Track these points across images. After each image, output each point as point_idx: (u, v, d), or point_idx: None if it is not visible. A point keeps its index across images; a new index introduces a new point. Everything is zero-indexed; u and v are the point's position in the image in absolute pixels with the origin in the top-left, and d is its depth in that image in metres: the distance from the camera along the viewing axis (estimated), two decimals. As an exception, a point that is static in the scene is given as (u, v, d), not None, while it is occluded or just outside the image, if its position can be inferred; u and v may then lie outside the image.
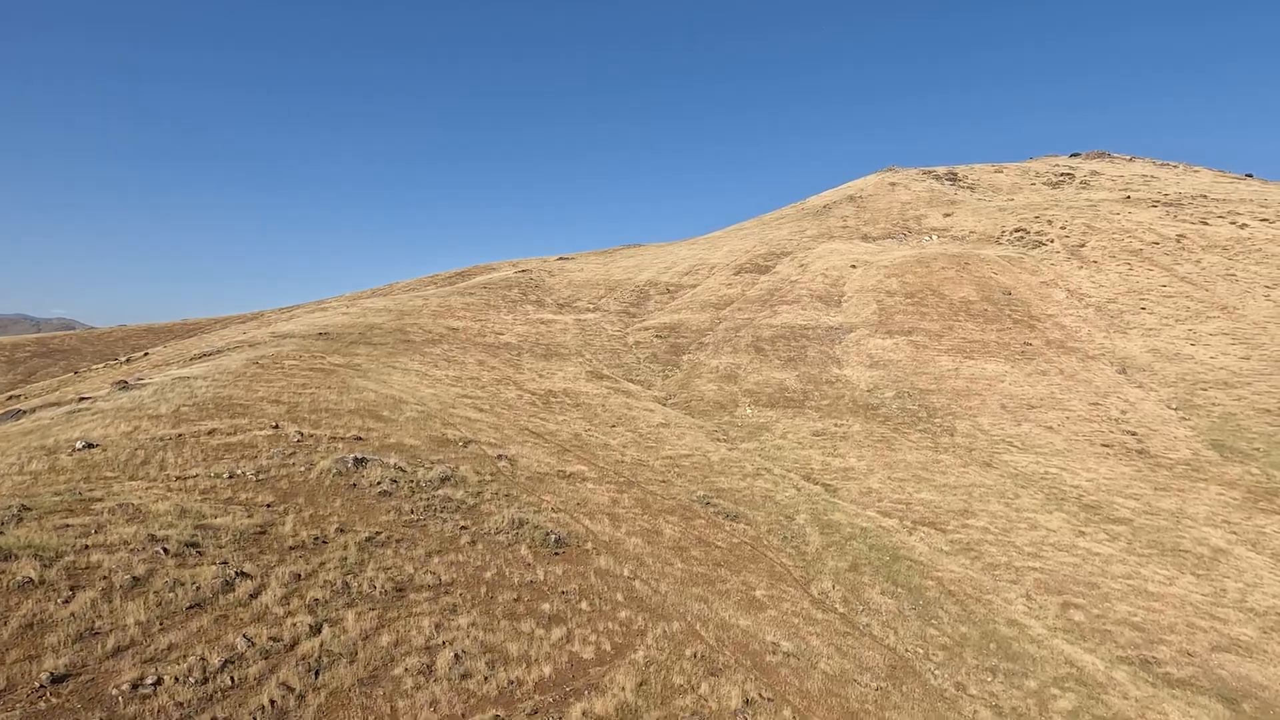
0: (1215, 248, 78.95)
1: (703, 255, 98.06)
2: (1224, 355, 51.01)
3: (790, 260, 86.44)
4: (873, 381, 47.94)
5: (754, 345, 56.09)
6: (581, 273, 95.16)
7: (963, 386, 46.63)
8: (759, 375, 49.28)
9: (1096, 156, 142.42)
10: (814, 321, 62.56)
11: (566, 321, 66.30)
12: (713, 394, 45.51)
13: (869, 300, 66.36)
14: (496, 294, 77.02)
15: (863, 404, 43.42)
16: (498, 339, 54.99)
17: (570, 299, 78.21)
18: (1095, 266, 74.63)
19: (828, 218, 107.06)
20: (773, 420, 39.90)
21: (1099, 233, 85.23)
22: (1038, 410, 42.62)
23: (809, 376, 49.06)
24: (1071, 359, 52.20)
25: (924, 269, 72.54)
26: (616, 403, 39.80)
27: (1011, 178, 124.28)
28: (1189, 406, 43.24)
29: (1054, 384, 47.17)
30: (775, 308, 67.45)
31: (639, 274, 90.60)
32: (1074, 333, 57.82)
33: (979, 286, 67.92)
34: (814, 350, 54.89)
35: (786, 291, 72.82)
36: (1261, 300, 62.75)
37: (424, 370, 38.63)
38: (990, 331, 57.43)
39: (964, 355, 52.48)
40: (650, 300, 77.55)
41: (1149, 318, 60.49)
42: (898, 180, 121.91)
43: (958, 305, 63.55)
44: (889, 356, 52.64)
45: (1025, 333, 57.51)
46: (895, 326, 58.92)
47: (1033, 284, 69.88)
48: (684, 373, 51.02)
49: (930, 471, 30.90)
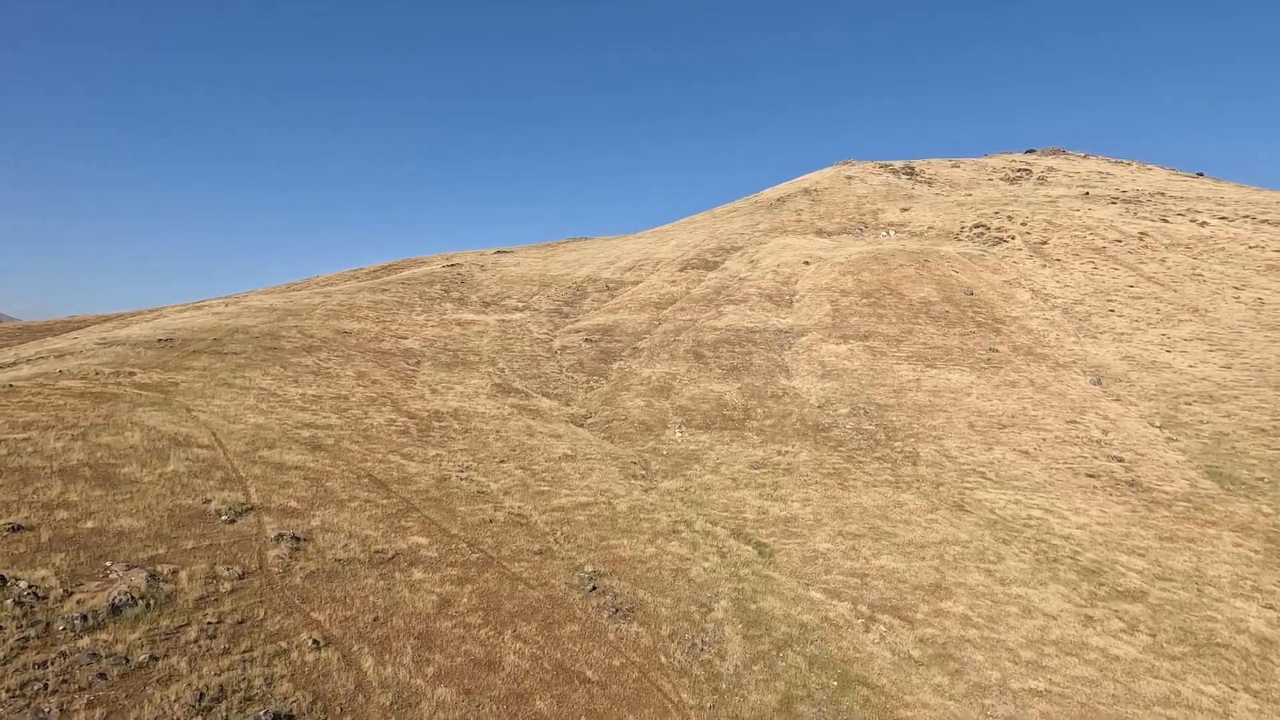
0: (1178, 246, 75.64)
1: (649, 250, 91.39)
2: (1204, 364, 46.50)
3: (740, 256, 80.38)
4: (825, 395, 41.89)
5: (694, 351, 49.63)
6: (517, 267, 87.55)
7: (925, 401, 40.92)
8: (696, 388, 42.78)
9: (1052, 153, 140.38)
10: (762, 324, 56.44)
11: (487, 322, 58.88)
12: (639, 412, 38.82)
13: (822, 300, 60.59)
14: (415, 290, 69.03)
15: (812, 424, 37.26)
16: (398, 344, 47.33)
17: (498, 296, 70.71)
18: (1059, 265, 70.39)
19: (781, 211, 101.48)
20: (705, 447, 33.36)
21: (1061, 229, 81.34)
22: (1010, 430, 37.08)
23: (753, 389, 42.76)
24: (1041, 367, 47.10)
25: (881, 266, 67.19)
26: (517, 427, 32.75)
27: (969, 173, 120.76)
28: (1175, 424, 38.26)
29: (1025, 397, 41.83)
30: (721, 308, 61.19)
31: (578, 269, 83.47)
32: (1042, 337, 52.93)
33: (939, 286, 62.80)
34: (760, 357, 48.69)
35: (734, 290, 66.64)
36: (1232, 302, 58.98)
37: (273, 389, 30.96)
38: (953, 336, 52.11)
39: (925, 363, 46.90)
40: (587, 298, 70.58)
41: (1119, 320, 56.04)
42: (854, 174, 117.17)
43: (917, 306, 58.21)
44: (843, 365, 46.75)
45: (990, 337, 52.37)
46: (850, 330, 53.16)
47: (995, 283, 65.13)
48: (611, 385, 44.21)
49: (891, 521, 24.76)
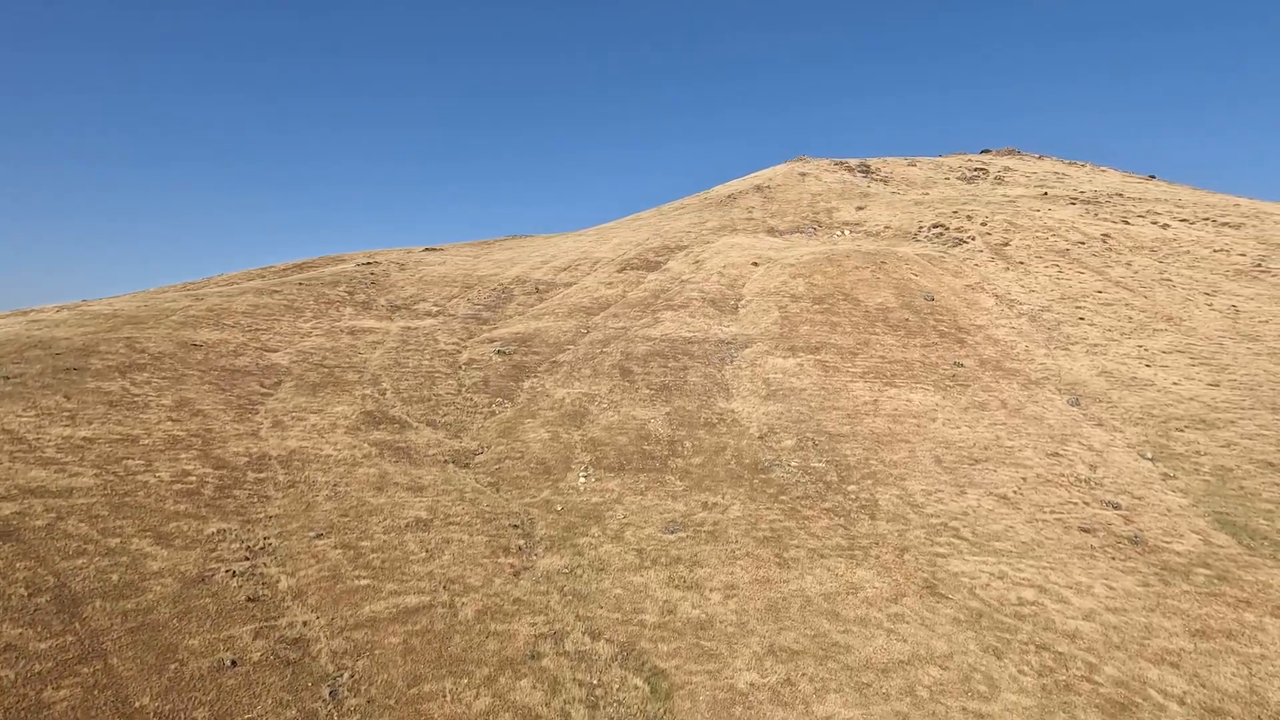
0: (1142, 249, 71.88)
1: (588, 248, 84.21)
2: (1189, 381, 41.52)
3: (685, 255, 73.82)
4: (768, 421, 35.37)
5: (621, 366, 42.69)
6: (443, 266, 79.39)
7: (884, 429, 34.71)
8: (616, 413, 35.81)
9: (1007, 153, 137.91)
10: (702, 333, 49.80)
11: (388, 331, 50.91)
12: (541, 447, 31.65)
13: (770, 306, 54.31)
14: (313, 292, 60.52)
15: (750, 462, 30.61)
16: (260, 359, 39.17)
17: (411, 300, 62.64)
18: (1022, 268, 65.67)
19: (732, 208, 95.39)
20: (613, 498, 26.38)
21: (1022, 230, 77.00)
22: (984, 466, 31.06)
23: (684, 415, 36.00)
24: (1012, 385, 41.52)
25: (835, 269, 61.34)
26: (366, 476, 25.24)
27: (925, 171, 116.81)
28: (1169, 456, 32.81)
29: (998, 423, 36.01)
30: (658, 314, 54.42)
31: (508, 269, 75.80)
32: (1010, 349, 47.54)
33: (898, 290, 57.19)
34: (697, 374, 41.99)
35: (675, 293, 59.96)
36: (1206, 310, 54.74)
37: (21, 431, 22.81)
38: (914, 348, 46.30)
39: (884, 380, 40.85)
40: (513, 301, 63.06)
41: (1091, 330, 51.09)
42: (808, 171, 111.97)
43: (874, 313, 52.38)
44: (791, 383, 40.36)
45: (954, 349, 46.74)
46: (800, 341, 46.90)
47: (957, 288, 59.89)
48: (516, 409, 36.93)
49: (843, 622, 18.18)
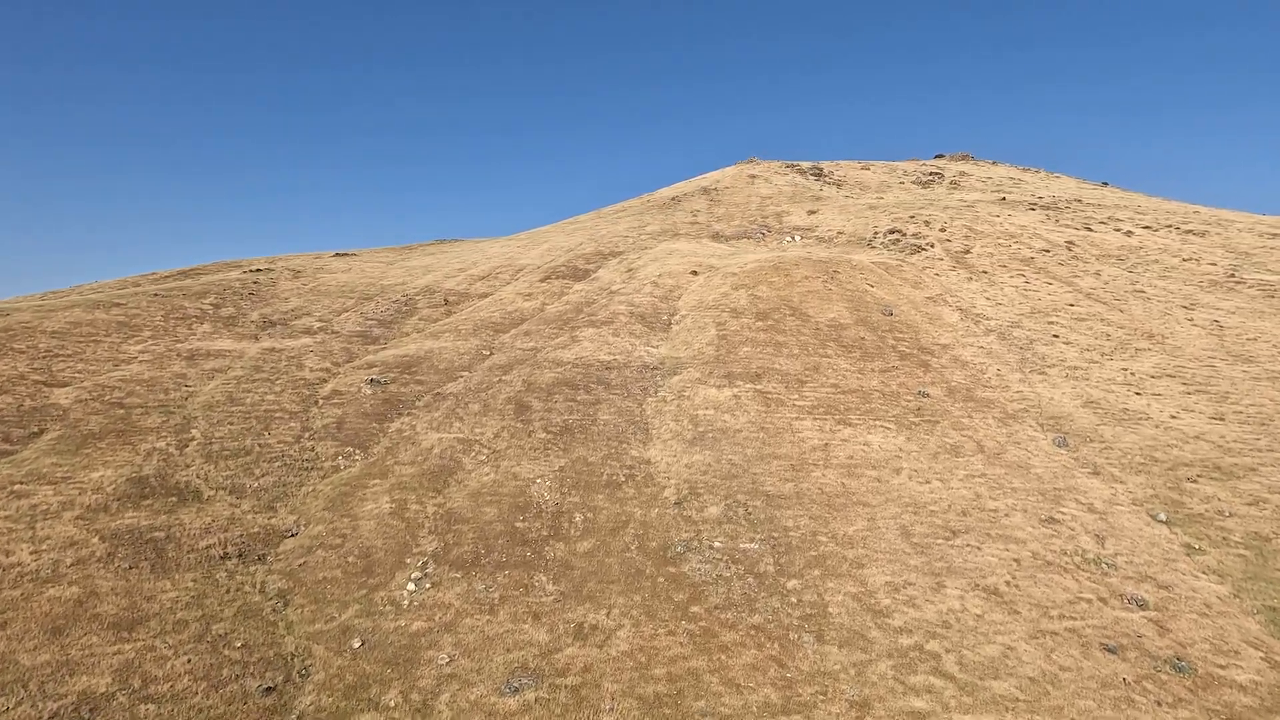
0: (1109, 257, 66.95)
1: (515, 254, 75.77)
2: (1189, 414, 35.31)
3: (618, 263, 66.02)
4: (690, 478, 27.59)
5: (518, 400, 34.49)
6: (346, 274, 69.96)
7: (836, 485, 27.29)
8: (494, 470, 27.57)
9: (960, 158, 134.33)
10: (625, 355, 41.94)
11: (241, 354, 41.67)
12: (375, 527, 23.21)
13: (707, 323, 46.78)
14: (168, 305, 50.69)
15: (658, 546, 22.72)
16: (33, 398, 29.77)
17: (292, 314, 53.26)
18: (987, 278, 59.76)
19: (675, 211, 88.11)
20: (446, 621, 18.20)
21: (983, 236, 71.49)
22: (965, 540, 23.82)
23: (582, 471, 27.97)
24: (987, 419, 34.71)
25: (783, 278, 54.26)
26: (60, 599, 16.53)
27: (879, 175, 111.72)
28: (1186, 518, 26.14)
29: (975, 473, 28.95)
30: (578, 331, 46.39)
31: (420, 278, 66.86)
32: (980, 374, 40.91)
33: (852, 303, 50.35)
34: (610, 410, 34.05)
35: (600, 307, 52.03)
36: (1187, 325, 49.29)
37: None
38: (871, 373, 39.26)
39: (837, 417, 33.56)
40: (415, 315, 54.24)
41: (1067, 350, 44.92)
42: (758, 173, 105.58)
43: (825, 331, 45.31)
44: (724, 421, 32.73)
45: (918, 374, 39.89)
46: (739, 366, 39.42)
47: (917, 300, 53.43)
48: (365, 464, 28.35)
49: None
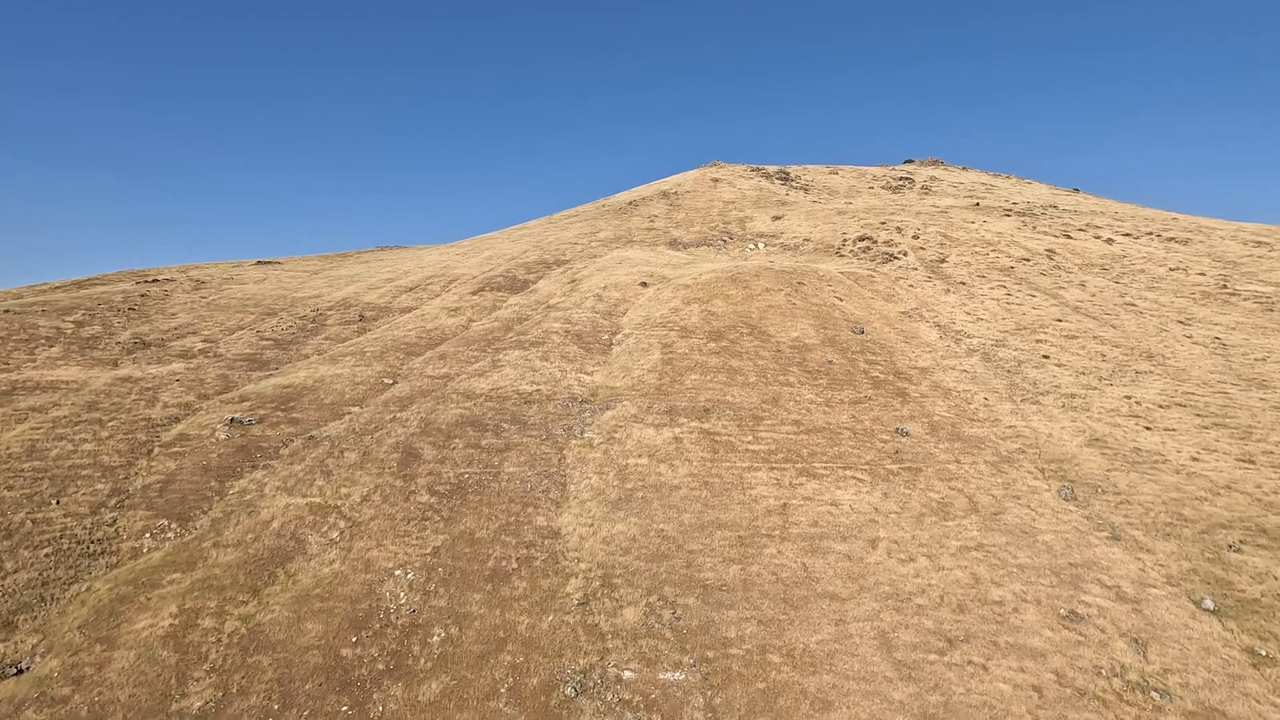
0: (1093, 267, 62.28)
1: (452, 263, 68.73)
2: (1211, 454, 29.80)
3: (561, 273, 59.42)
4: (605, 564, 21.07)
5: (407, 447, 27.66)
6: (258, 285, 62.30)
7: (795, 568, 21.04)
8: (342, 556, 20.74)
9: (931, 164, 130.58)
10: (551, 385, 35.33)
11: (83, 385, 34.16)
12: (134, 662, 16.36)
13: (652, 344, 40.40)
14: (16, 323, 42.82)
15: (542, 684, 16.19)
16: None
17: (174, 333, 45.63)
18: (965, 290, 54.40)
19: (631, 217, 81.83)
20: None
21: (958, 244, 66.43)
22: (964, 655, 17.68)
23: (464, 554, 21.28)
24: (979, 464, 28.78)
25: (741, 291, 48.16)
26: None
27: (848, 180, 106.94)
28: (1241, 606, 20.41)
29: (970, 544, 22.92)
30: (502, 354, 39.66)
31: (340, 289, 59.53)
32: (965, 404, 35.11)
33: (819, 320, 44.40)
34: (519, 460, 27.40)
35: (533, 324, 45.36)
36: (1187, 344, 44.28)
37: None
38: (840, 406, 33.18)
39: (799, 465, 27.35)
40: (320, 334, 46.97)
41: (1061, 373, 39.43)
42: (722, 176, 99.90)
43: (788, 353, 39.23)
44: (659, 475, 26.29)
45: (894, 405, 33.93)
46: (684, 399, 33.06)
47: (891, 315, 47.73)
48: (170, 549, 21.27)
49: None
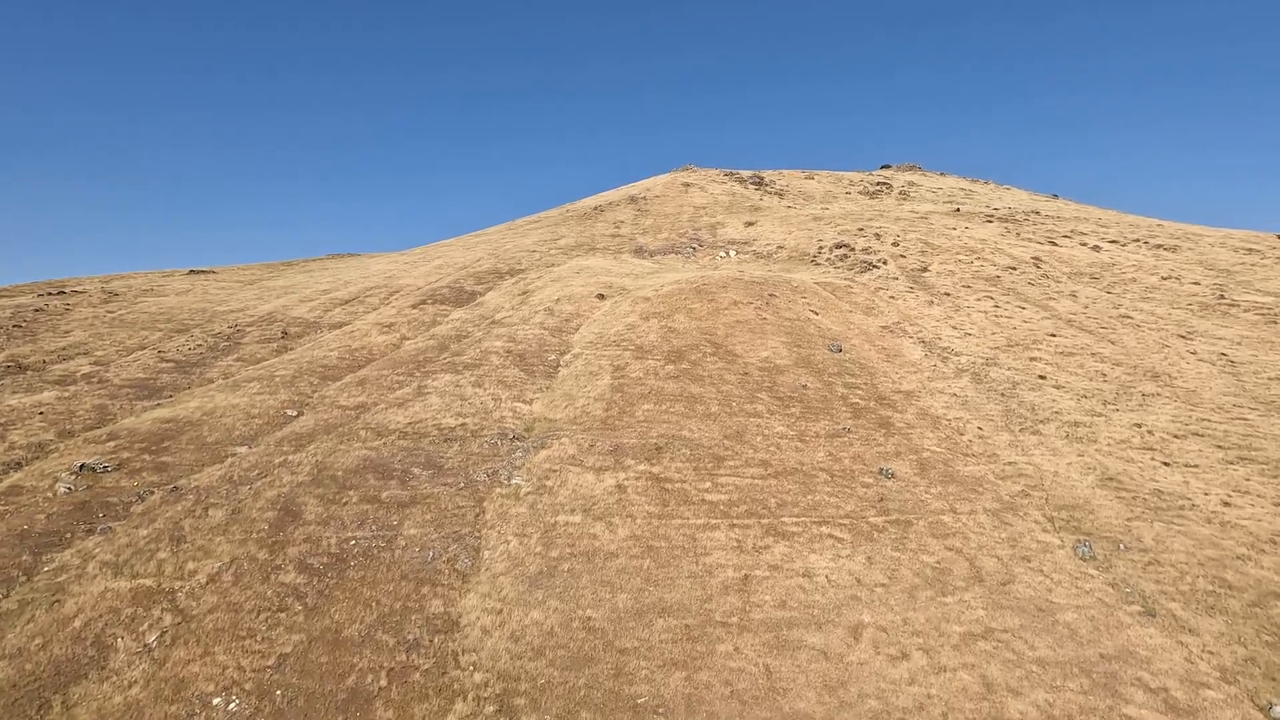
0: (1082, 275, 58.66)
1: (398, 272, 63.41)
2: (1242, 496, 25.61)
3: (514, 283, 54.39)
4: (508, 675, 16.17)
5: (286, 503, 22.50)
6: (179, 297, 56.49)
7: (755, 675, 16.43)
8: (150, 672, 15.65)
9: (909, 169, 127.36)
10: (480, 418, 30.28)
11: (-88, 425, 28.45)
12: None
13: (602, 366, 35.54)
14: None
15: None
16: None
17: (59, 354, 39.94)
18: (950, 301, 50.29)
19: (595, 222, 77.05)
20: None
21: (940, 251, 62.53)
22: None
23: (317, 668, 16.25)
24: (978, 514, 24.29)
25: (707, 305, 43.50)
26: None
27: (824, 185, 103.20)
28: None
29: (976, 629, 18.37)
30: (430, 379, 34.55)
31: (269, 302, 53.98)
32: (958, 434, 30.67)
33: (792, 337, 39.87)
34: (424, 518, 22.35)
35: (473, 343, 40.29)
36: (1193, 361, 40.42)
37: None
38: (816, 441, 28.56)
39: (765, 521, 22.65)
40: (232, 354, 41.49)
41: (1061, 396, 35.21)
42: (693, 181, 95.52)
43: (757, 376, 34.59)
44: (593, 537, 21.41)
45: (877, 438, 29.38)
46: (634, 434, 28.23)
47: (871, 330, 43.36)
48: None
49: None
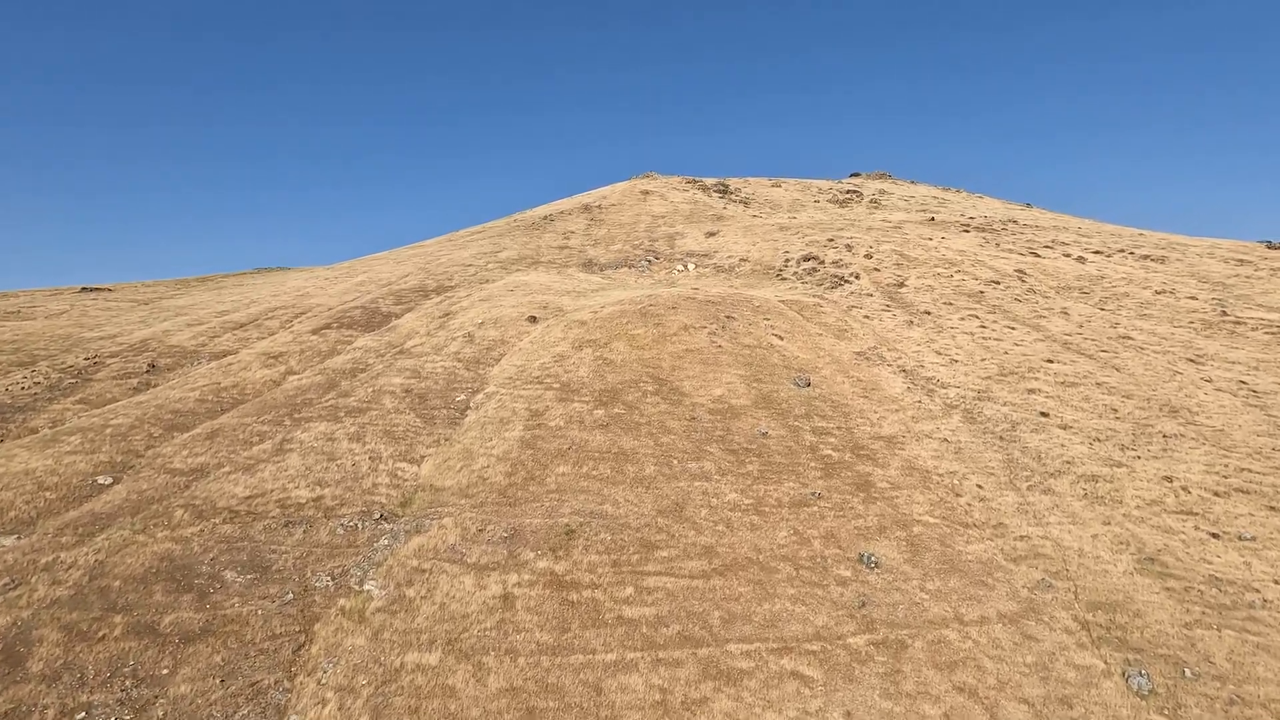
0: (1070, 290, 53.52)
1: (313, 290, 55.97)
2: (1328, 588, 19.63)
3: (438, 303, 47.39)
4: None
5: (8, 646, 15.21)
6: (46, 321, 48.58)
7: None
8: None
9: (879, 177, 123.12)
10: (345, 487, 23.28)
11: None
12: None
13: (517, 410, 28.71)
14: None
15: None
16: None
17: None
18: (932, 321, 44.51)
19: (544, 233, 70.31)
20: None
21: (918, 264, 57.00)
22: None
23: None
24: (991, 625, 18.07)
25: (652, 329, 36.98)
26: None
27: (792, 193, 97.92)
28: None
29: None
30: (299, 430, 27.41)
31: (151, 326, 46.24)
32: (954, 495, 24.49)
33: (751, 369, 33.50)
34: (206, 666, 15.42)
35: (368, 379, 33.19)
36: (1211, 390, 34.94)
37: None
38: (777, 515, 22.09)
39: (705, 658, 16.07)
40: (74, 395, 34.00)
41: (1071, 441, 29.29)
42: (653, 188, 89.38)
43: (707, 422, 28.08)
44: (445, 700, 14.63)
45: (855, 507, 23.01)
46: (540, 512, 21.47)
47: (844, 358, 37.23)
48: None
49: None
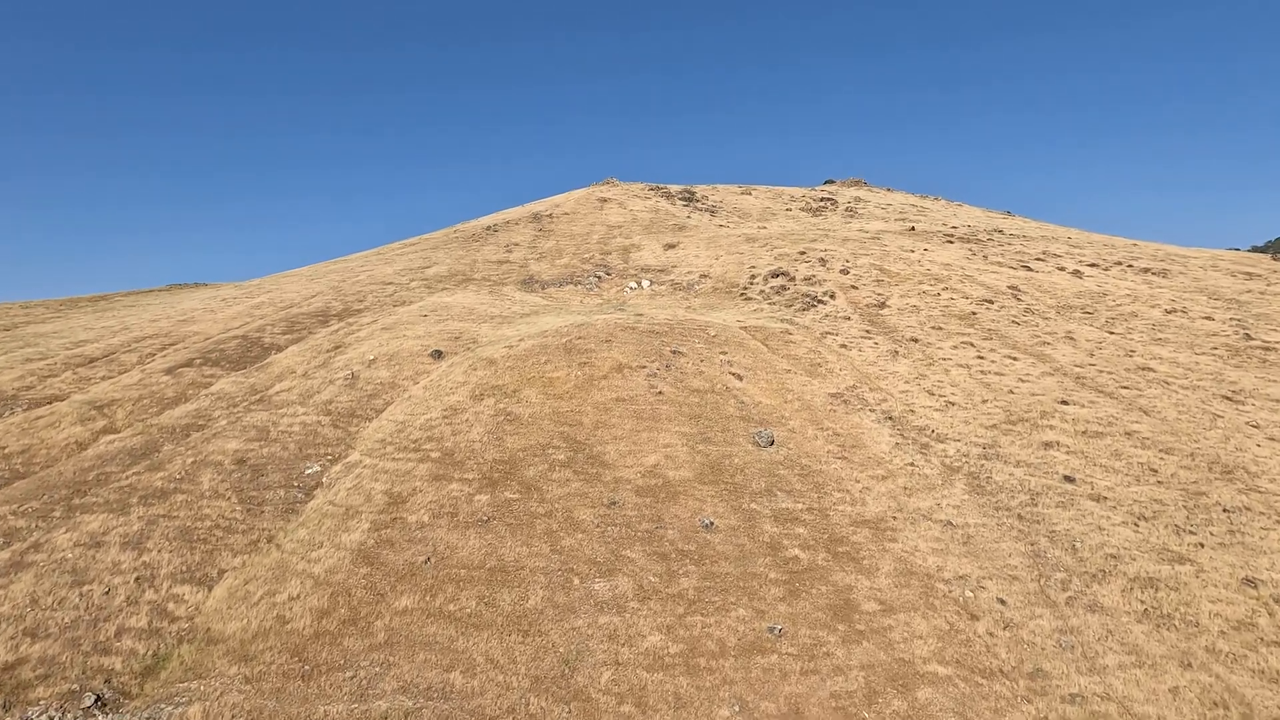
0: (1072, 309, 47.13)
1: (200, 314, 47.67)
2: None
3: (335, 331, 39.49)
4: None
5: None
6: None
7: None
8: None
9: (854, 184, 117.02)
10: (65, 643, 15.42)
11: None
12: None
13: (373, 495, 21.00)
14: None
15: None
16: None
17: None
18: (920, 352, 37.61)
19: (484, 245, 62.65)
20: None
21: (901, 280, 50.31)
22: None
23: None
24: None
25: (577, 370, 29.50)
26: None
27: (763, 201, 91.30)
28: None
29: None
30: (61, 530, 19.47)
31: (-24, 364, 37.62)
32: (968, 620, 17.31)
33: (700, 424, 26.15)
34: None
35: (200, 441, 25.24)
36: (1265, 442, 28.40)
37: None
38: (720, 673, 14.72)
39: None
40: None
41: (1109, 521, 22.39)
42: (612, 196, 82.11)
43: (631, 510, 20.60)
44: None
45: (832, 650, 15.70)
46: (347, 691, 13.79)
47: (817, 402, 30.07)
48: None
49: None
